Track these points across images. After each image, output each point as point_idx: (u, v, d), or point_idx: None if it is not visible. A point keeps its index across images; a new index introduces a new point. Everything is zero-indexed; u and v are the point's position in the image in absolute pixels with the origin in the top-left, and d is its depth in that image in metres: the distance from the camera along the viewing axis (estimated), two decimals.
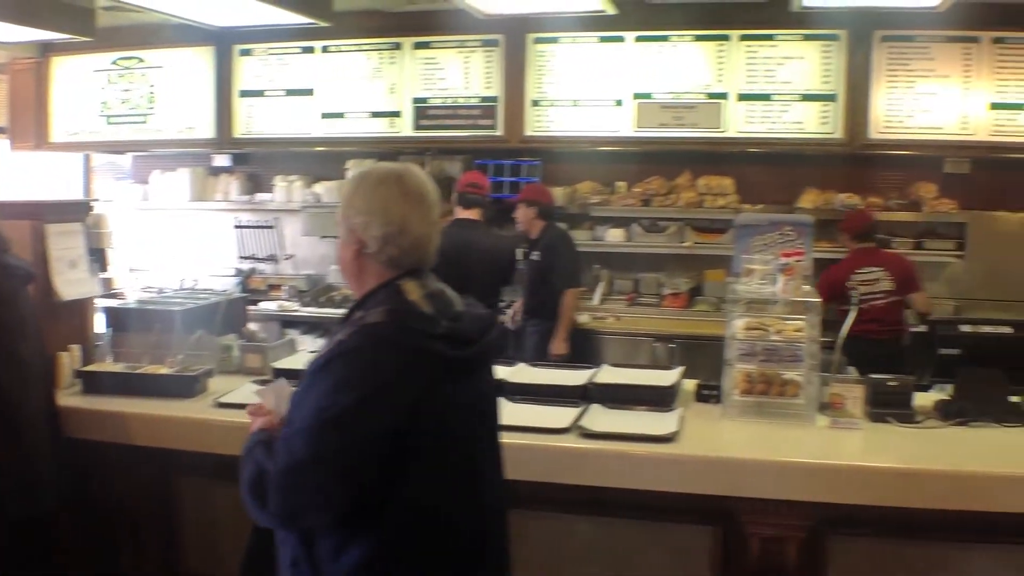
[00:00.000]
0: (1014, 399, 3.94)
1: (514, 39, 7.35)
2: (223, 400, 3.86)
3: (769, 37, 6.97)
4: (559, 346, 6.45)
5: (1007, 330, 3.95)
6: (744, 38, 7.00)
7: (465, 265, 5.77)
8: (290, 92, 7.88)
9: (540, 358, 5.91)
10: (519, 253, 6.63)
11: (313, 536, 2.29)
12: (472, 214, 6.22)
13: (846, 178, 7.37)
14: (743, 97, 7.00)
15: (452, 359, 2.28)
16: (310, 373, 2.27)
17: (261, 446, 2.35)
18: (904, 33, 6.81)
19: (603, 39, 7.22)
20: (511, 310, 6.85)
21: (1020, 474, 3.26)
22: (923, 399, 4.00)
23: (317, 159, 8.27)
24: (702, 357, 6.19)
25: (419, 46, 7.58)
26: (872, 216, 6.69)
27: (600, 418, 3.66)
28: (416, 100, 7.60)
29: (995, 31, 6.73)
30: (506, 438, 3.43)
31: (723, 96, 7.03)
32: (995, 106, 6.77)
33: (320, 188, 8.07)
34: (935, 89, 6.82)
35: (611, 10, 5.97)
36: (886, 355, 5.78)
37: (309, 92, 7.82)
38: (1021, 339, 3.98)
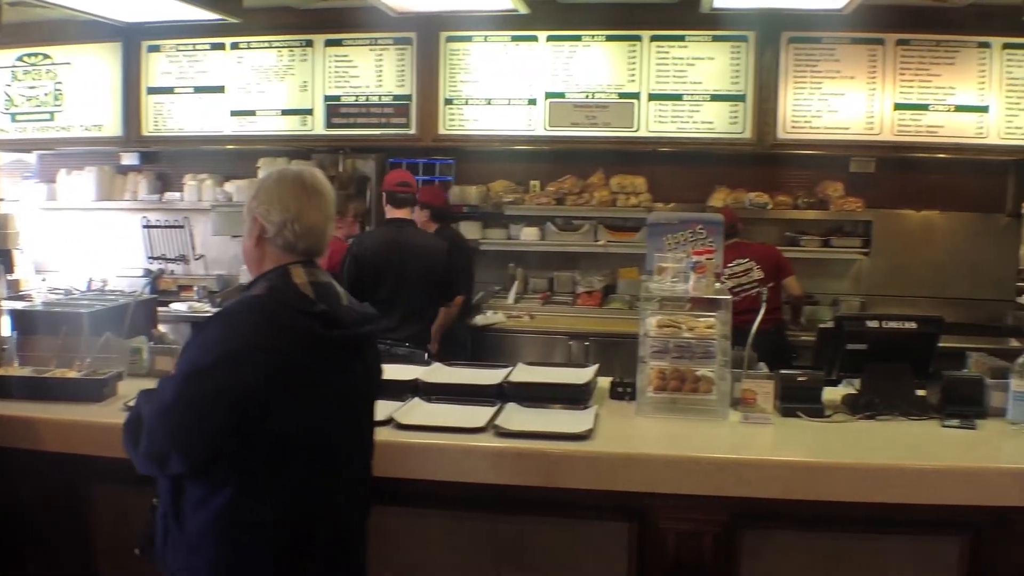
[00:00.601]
0: (920, 392, 4.05)
1: (427, 37, 7.33)
2: (133, 404, 3.78)
3: (680, 38, 7.05)
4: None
5: (912, 325, 4.04)
6: (655, 39, 7.08)
7: (399, 263, 5.76)
8: (199, 89, 7.76)
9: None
10: None
11: (181, 489, 2.51)
12: (403, 213, 6.07)
13: (755, 177, 7.52)
14: (654, 97, 7.08)
15: (320, 338, 2.51)
16: (192, 331, 2.58)
17: (144, 394, 2.63)
18: (811, 35, 6.95)
19: (516, 38, 7.24)
20: None
21: (926, 466, 3.34)
22: (832, 393, 4.08)
23: (228, 157, 8.15)
24: (616, 354, 6.25)
25: (331, 43, 7.52)
26: (732, 213, 6.75)
27: (516, 417, 3.66)
28: (328, 98, 7.54)
29: (899, 33, 6.91)
30: (422, 438, 3.46)
31: (635, 96, 7.10)
32: (899, 106, 6.94)
33: (231, 187, 7.96)
34: (841, 90, 6.98)
35: (523, 9, 6.01)
36: (771, 343, 5.88)
37: (220, 89, 7.71)
38: (926, 334, 4.08)
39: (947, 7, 6.75)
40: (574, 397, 3.90)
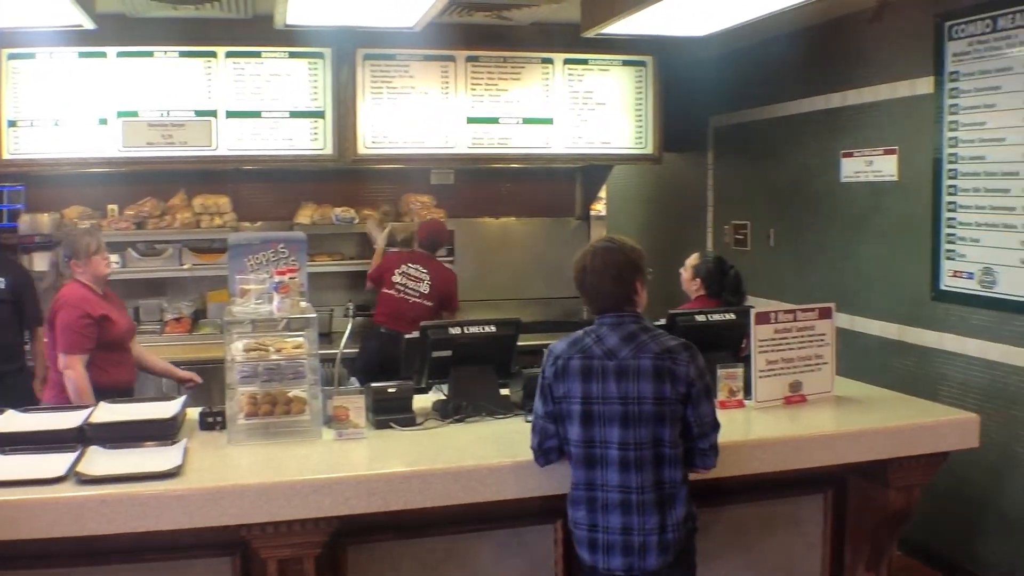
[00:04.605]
0: (503, 391, 4.27)
1: None
2: None
3: (256, 54, 6.94)
4: None
5: (491, 329, 4.24)
6: (231, 55, 6.92)
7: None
8: None
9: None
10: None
11: None
12: None
13: (341, 192, 7.59)
14: (232, 114, 6.92)
15: None
16: None
17: None
18: (385, 51, 7.09)
19: (83, 55, 6.80)
20: None
21: (514, 462, 3.50)
22: (423, 401, 4.20)
23: None
24: (213, 381, 6.07)
25: None
26: (433, 228, 7.00)
27: (99, 461, 3.44)
28: None
29: (468, 50, 7.22)
30: None
31: (212, 113, 6.90)
32: (472, 120, 7.25)
33: None
34: (417, 105, 7.18)
35: (90, 24, 5.66)
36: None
37: None
38: (505, 336, 4.29)
39: (511, 25, 7.12)
40: (160, 432, 3.74)
